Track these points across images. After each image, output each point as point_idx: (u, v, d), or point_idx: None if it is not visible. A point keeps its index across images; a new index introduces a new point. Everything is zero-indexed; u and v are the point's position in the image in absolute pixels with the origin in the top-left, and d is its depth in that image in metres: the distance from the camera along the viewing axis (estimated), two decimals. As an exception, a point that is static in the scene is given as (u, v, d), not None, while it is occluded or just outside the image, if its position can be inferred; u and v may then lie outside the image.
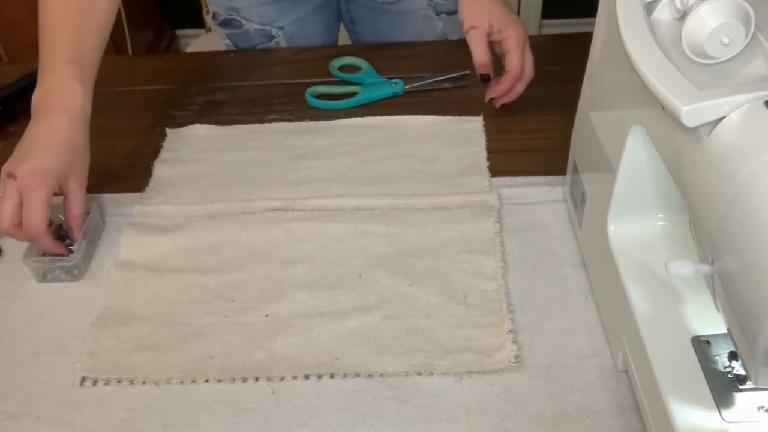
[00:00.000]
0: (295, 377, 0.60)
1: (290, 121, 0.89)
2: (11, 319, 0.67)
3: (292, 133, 0.87)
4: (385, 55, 0.99)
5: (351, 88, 0.92)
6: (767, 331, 0.38)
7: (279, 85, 0.95)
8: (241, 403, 0.59)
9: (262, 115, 0.90)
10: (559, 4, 2.40)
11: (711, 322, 0.52)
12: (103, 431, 0.57)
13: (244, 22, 1.03)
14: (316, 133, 0.87)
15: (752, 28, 0.43)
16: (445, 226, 0.73)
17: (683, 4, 0.46)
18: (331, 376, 0.60)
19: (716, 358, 0.51)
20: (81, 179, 0.70)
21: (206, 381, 0.60)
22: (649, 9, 0.50)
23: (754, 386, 0.47)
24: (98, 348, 0.63)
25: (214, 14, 1.04)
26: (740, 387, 0.49)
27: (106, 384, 0.61)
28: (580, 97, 0.67)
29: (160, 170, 0.83)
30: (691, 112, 0.41)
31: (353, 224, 0.73)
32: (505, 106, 0.85)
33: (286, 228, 0.73)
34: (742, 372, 0.49)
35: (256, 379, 0.60)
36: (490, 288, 0.66)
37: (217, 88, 0.96)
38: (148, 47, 2.31)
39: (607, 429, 0.55)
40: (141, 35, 2.25)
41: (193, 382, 0.60)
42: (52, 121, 0.68)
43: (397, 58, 0.99)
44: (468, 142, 0.84)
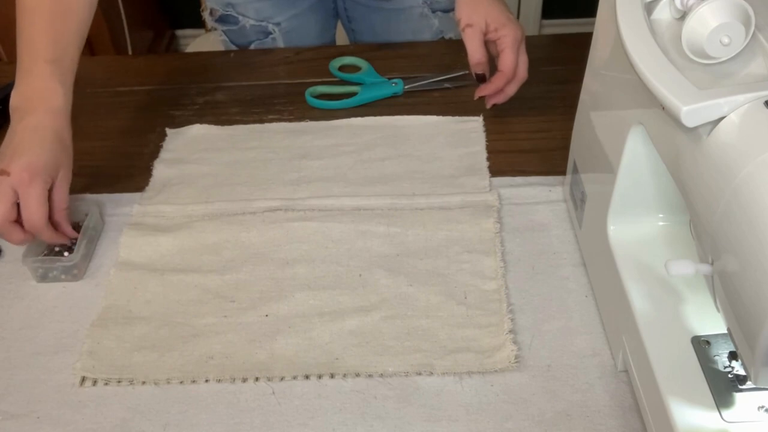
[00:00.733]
0: (295, 377, 0.60)
1: (290, 121, 0.89)
2: (11, 319, 0.67)
3: (292, 133, 0.87)
4: (385, 55, 0.99)
5: (351, 88, 0.92)
6: (767, 331, 0.38)
7: (279, 85, 0.95)
8: (241, 403, 0.59)
9: (262, 115, 0.90)
10: (559, 4, 2.40)
11: (711, 322, 0.52)
12: (103, 431, 0.57)
13: (240, 18, 1.03)
14: (316, 133, 0.87)
15: (752, 28, 0.43)
16: (445, 226, 0.73)
17: (683, 4, 0.47)
18: (331, 376, 0.60)
19: (716, 358, 0.51)
20: (67, 174, 0.70)
21: (206, 381, 0.60)
22: (649, 9, 0.50)
23: (754, 386, 0.47)
24: (98, 348, 0.63)
25: (212, 11, 1.05)
26: (740, 387, 0.49)
27: (106, 384, 0.61)
28: (580, 97, 0.67)
29: (160, 170, 0.83)
30: (691, 112, 0.41)
31: (353, 224, 0.73)
32: (498, 107, 0.84)
33: (286, 228, 0.73)
34: (742, 372, 0.49)
35: (256, 379, 0.60)
36: (490, 288, 0.66)
37: (217, 88, 0.96)
38: (148, 47, 2.31)
39: (607, 429, 0.55)
40: (141, 35, 2.25)
41: (193, 382, 0.60)
42: (38, 120, 0.68)
43: (397, 58, 0.99)
44: (468, 142, 0.84)
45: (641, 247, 0.59)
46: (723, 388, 0.49)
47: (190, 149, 0.85)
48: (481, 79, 0.81)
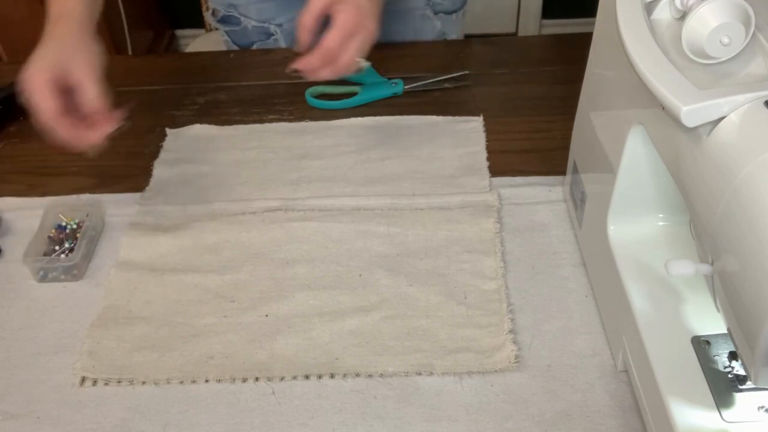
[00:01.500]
0: (295, 377, 0.60)
1: (290, 121, 0.89)
2: (11, 319, 0.67)
3: (292, 133, 0.87)
4: (385, 55, 0.99)
5: (351, 88, 0.92)
6: (767, 331, 0.38)
7: (279, 85, 0.95)
8: (241, 403, 0.59)
9: (262, 115, 0.90)
10: (559, 4, 2.40)
11: (711, 322, 0.52)
12: (103, 431, 0.58)
13: (242, 19, 1.03)
14: (316, 133, 0.87)
15: (752, 28, 0.43)
16: (445, 226, 0.73)
17: (683, 4, 0.47)
18: (331, 376, 0.60)
19: (716, 358, 0.51)
20: (89, 72, 0.68)
21: (206, 381, 0.60)
22: (649, 9, 0.50)
23: (754, 386, 0.47)
24: (98, 348, 0.63)
25: (214, 11, 1.05)
26: (740, 387, 0.49)
27: (106, 384, 0.61)
28: (580, 97, 0.67)
29: (160, 170, 0.83)
30: (691, 112, 0.41)
31: (353, 224, 0.73)
32: (499, 107, 0.84)
33: (286, 228, 0.73)
34: (742, 372, 0.49)
35: (256, 379, 0.60)
36: (490, 288, 0.66)
37: (217, 88, 0.96)
38: (148, 47, 2.31)
39: (607, 429, 0.55)
40: (141, 35, 2.25)
41: (193, 382, 0.60)
42: (49, 28, 0.70)
43: (397, 58, 0.98)
44: (468, 142, 0.84)
45: (641, 247, 0.59)
46: (723, 388, 0.49)
47: (190, 149, 0.85)
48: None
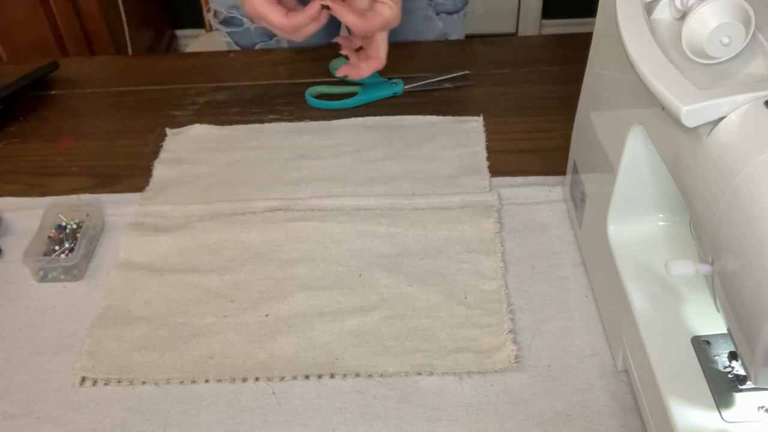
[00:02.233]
0: (295, 377, 0.60)
1: (290, 121, 0.89)
2: (11, 319, 0.67)
3: (292, 133, 0.87)
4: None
5: (351, 88, 0.92)
6: (767, 331, 0.38)
7: (279, 85, 0.95)
8: (241, 403, 0.59)
9: (262, 115, 0.90)
10: (559, 4, 2.40)
11: (711, 322, 0.52)
12: (103, 431, 0.58)
13: (245, 20, 1.03)
14: (316, 133, 0.87)
15: (752, 28, 0.43)
16: (445, 226, 0.73)
17: (683, 4, 0.46)
18: (331, 376, 0.60)
19: (716, 358, 0.51)
20: None
21: (206, 381, 0.60)
22: (649, 9, 0.50)
23: (754, 386, 0.47)
24: (98, 348, 0.63)
25: (216, 12, 1.04)
26: (740, 387, 0.49)
27: (106, 384, 0.61)
28: (580, 97, 0.67)
29: (160, 170, 0.83)
30: (691, 112, 0.41)
31: (353, 224, 0.73)
32: (499, 107, 0.84)
33: (286, 228, 0.73)
34: (742, 372, 0.49)
35: (256, 379, 0.60)
36: (490, 288, 0.66)
37: (217, 88, 0.96)
38: (148, 47, 2.31)
39: (607, 429, 0.55)
40: (141, 35, 2.25)
41: (193, 382, 0.60)
42: None
43: (397, 58, 0.98)
44: (468, 142, 0.84)
45: (641, 247, 0.59)
46: (723, 388, 0.49)
47: (190, 149, 0.85)
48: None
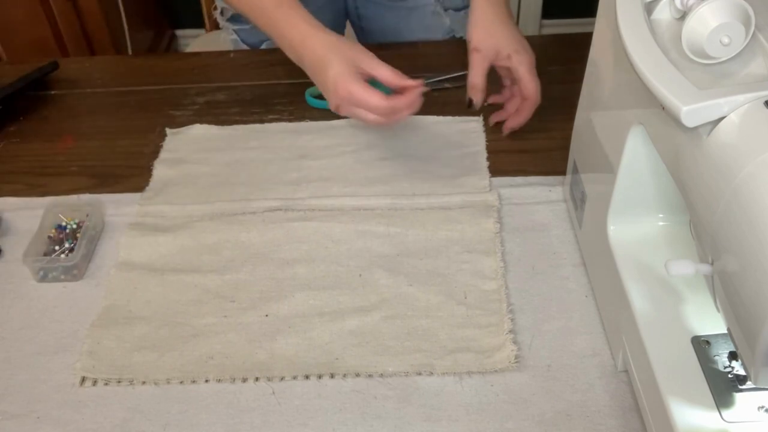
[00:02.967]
0: (295, 377, 0.60)
1: (290, 121, 0.89)
2: (11, 319, 0.67)
3: (292, 133, 0.87)
4: (386, 56, 0.98)
5: (351, 88, 0.92)
6: (767, 331, 0.38)
7: (279, 85, 0.95)
8: (241, 403, 0.59)
9: (262, 115, 0.90)
10: (559, 4, 2.40)
11: (711, 322, 0.52)
12: (103, 431, 0.57)
13: None
14: (316, 133, 0.87)
15: (752, 28, 0.43)
16: (445, 226, 0.73)
17: (683, 4, 0.46)
18: (331, 376, 0.60)
19: (716, 358, 0.51)
20: (369, 58, 0.75)
21: (206, 381, 0.60)
22: (649, 9, 0.50)
23: (754, 386, 0.47)
24: (98, 348, 0.63)
25: (223, 10, 1.04)
26: (740, 387, 0.49)
27: (106, 384, 0.61)
28: (580, 97, 0.67)
29: (160, 170, 0.83)
30: (691, 112, 0.41)
31: (353, 224, 0.73)
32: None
33: (286, 228, 0.73)
34: (742, 372, 0.49)
35: (256, 379, 0.60)
36: (490, 288, 0.66)
37: (217, 88, 0.96)
38: (148, 47, 2.31)
39: (607, 429, 0.55)
40: (141, 35, 2.25)
41: (193, 382, 0.60)
42: (314, 54, 0.74)
43: (398, 58, 0.98)
44: (468, 142, 0.84)
45: (641, 247, 0.59)
46: (723, 388, 0.49)
47: (190, 149, 0.85)
48: (469, 104, 0.81)
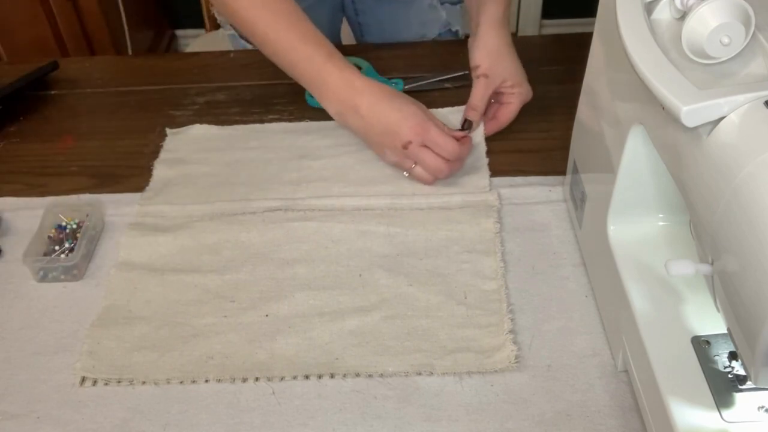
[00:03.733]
0: (295, 377, 0.60)
1: (290, 121, 0.89)
2: (11, 319, 0.67)
3: (292, 133, 0.87)
4: (386, 55, 0.99)
5: (351, 88, 0.92)
6: (767, 331, 0.38)
7: (279, 85, 0.95)
8: (241, 403, 0.59)
9: (262, 115, 0.90)
10: (559, 4, 2.40)
11: (711, 322, 0.52)
12: (103, 431, 0.57)
13: None
14: (316, 133, 0.87)
15: (752, 28, 0.43)
16: (445, 226, 0.73)
17: (683, 4, 0.46)
18: (331, 376, 0.60)
19: (716, 358, 0.51)
20: (423, 116, 0.75)
21: (206, 381, 0.60)
22: (649, 9, 0.50)
23: (754, 386, 0.47)
24: (98, 348, 0.63)
25: None
26: (740, 387, 0.49)
27: (106, 384, 0.61)
28: (580, 97, 0.67)
29: (160, 170, 0.82)
30: (691, 112, 0.41)
31: (353, 224, 0.73)
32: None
33: (286, 228, 0.73)
34: (742, 372, 0.49)
35: (256, 379, 0.60)
36: (490, 288, 0.66)
37: (217, 88, 0.96)
38: (148, 47, 2.31)
39: (607, 429, 0.55)
40: (141, 35, 2.25)
41: (193, 382, 0.60)
42: (365, 101, 0.75)
43: (397, 58, 0.99)
44: (468, 142, 0.84)
45: (641, 247, 0.59)
46: (723, 388, 0.49)
47: (190, 149, 0.85)
48: (468, 126, 0.83)
